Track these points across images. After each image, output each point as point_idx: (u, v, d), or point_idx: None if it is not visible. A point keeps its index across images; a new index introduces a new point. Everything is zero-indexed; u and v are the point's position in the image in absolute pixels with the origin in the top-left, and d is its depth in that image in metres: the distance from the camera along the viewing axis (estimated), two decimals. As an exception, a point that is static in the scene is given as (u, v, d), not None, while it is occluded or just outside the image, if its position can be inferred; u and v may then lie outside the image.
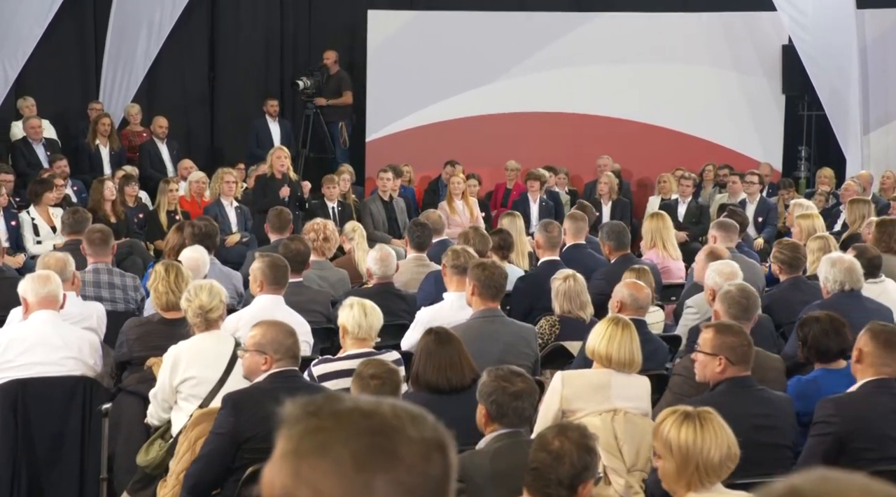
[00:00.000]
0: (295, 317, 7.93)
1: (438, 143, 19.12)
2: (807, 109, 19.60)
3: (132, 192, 14.73)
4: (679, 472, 4.59)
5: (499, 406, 5.33)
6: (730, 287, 7.24)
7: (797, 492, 1.62)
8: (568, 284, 8.26)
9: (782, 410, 6.02)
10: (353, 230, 11.41)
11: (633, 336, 6.62)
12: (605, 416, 6.55)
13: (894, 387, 6.01)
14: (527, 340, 7.68)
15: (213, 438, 5.87)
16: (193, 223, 9.88)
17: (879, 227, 10.80)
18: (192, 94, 19.80)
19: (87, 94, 18.46)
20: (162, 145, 17.70)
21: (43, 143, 16.38)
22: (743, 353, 6.00)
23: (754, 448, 5.78)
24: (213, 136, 19.93)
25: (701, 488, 4.66)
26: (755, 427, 5.84)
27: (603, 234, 10.61)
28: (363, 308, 7.10)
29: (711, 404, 5.86)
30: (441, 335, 6.44)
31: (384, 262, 9.15)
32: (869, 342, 6.11)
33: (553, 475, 4.45)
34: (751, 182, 16.08)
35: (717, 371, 6.06)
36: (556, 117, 19.70)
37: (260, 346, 6.01)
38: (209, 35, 19.84)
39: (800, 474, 1.68)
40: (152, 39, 18.60)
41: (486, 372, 5.50)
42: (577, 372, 6.86)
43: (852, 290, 8.46)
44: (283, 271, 8.01)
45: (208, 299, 6.86)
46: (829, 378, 6.71)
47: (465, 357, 6.38)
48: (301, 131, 18.92)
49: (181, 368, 6.67)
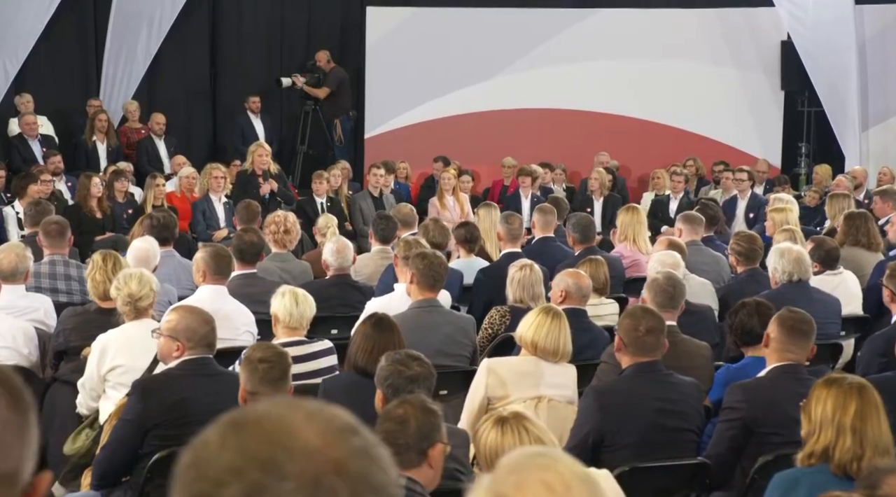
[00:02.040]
0: (239, 307, 7.99)
1: (437, 139, 19.13)
2: (807, 106, 19.55)
3: (122, 188, 14.77)
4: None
5: (395, 390, 5.33)
6: (656, 275, 7.29)
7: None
8: (523, 273, 8.27)
9: (688, 395, 6.06)
10: (326, 225, 11.46)
11: (562, 326, 6.66)
12: (528, 404, 6.60)
13: (801, 372, 6.04)
14: (465, 331, 7.70)
15: (120, 425, 5.89)
16: (151, 215, 9.95)
17: (847, 221, 10.79)
18: (193, 90, 19.84)
19: (87, 90, 18.49)
20: (159, 142, 17.77)
21: (39, 139, 16.49)
22: (637, 338, 6.02)
23: (658, 432, 5.87)
24: (216, 133, 19.98)
25: None
26: (659, 411, 5.94)
27: (569, 226, 10.64)
28: (295, 297, 7.14)
29: (616, 388, 5.96)
30: (382, 321, 6.47)
31: (340, 254, 9.19)
32: (776, 328, 6.16)
33: (402, 440, 4.47)
34: (740, 178, 16.04)
35: (616, 354, 6.12)
36: (554, 114, 19.71)
37: (173, 333, 6.03)
38: (210, 31, 19.88)
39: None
40: (153, 35, 18.62)
41: (384, 357, 5.52)
42: (503, 359, 6.92)
43: (800, 280, 8.49)
44: (226, 261, 8.04)
45: (138, 288, 6.91)
46: (758, 365, 6.69)
47: (402, 345, 6.35)
48: (299, 128, 19.01)
49: (109, 357, 6.71)
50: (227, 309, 7.83)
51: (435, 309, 7.69)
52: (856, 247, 10.50)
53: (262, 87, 19.29)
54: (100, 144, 17.16)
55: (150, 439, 5.83)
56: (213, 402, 5.67)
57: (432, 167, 18.19)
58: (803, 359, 6.13)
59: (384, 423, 4.60)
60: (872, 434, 4.79)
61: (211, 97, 20.02)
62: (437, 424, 4.60)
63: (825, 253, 9.34)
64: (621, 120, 19.70)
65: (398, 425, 4.54)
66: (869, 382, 5.02)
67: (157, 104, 18.78)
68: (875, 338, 7.66)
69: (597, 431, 5.87)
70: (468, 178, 16.92)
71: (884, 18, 18.87)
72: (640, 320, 6.05)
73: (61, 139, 17.43)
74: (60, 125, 17.81)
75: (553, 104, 19.73)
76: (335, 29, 20.38)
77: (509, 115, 19.69)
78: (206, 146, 19.69)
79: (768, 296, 8.46)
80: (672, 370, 6.72)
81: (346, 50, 20.14)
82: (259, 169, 14.63)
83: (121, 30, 18.48)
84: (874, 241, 10.57)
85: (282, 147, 19.51)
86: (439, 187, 16.17)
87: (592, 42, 19.63)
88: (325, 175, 15.67)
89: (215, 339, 6.16)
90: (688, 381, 6.17)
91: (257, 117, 18.73)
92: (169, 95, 19.40)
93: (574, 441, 5.94)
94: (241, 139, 18.11)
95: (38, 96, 17.45)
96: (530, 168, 16.93)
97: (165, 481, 5.60)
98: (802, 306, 8.25)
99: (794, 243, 9.62)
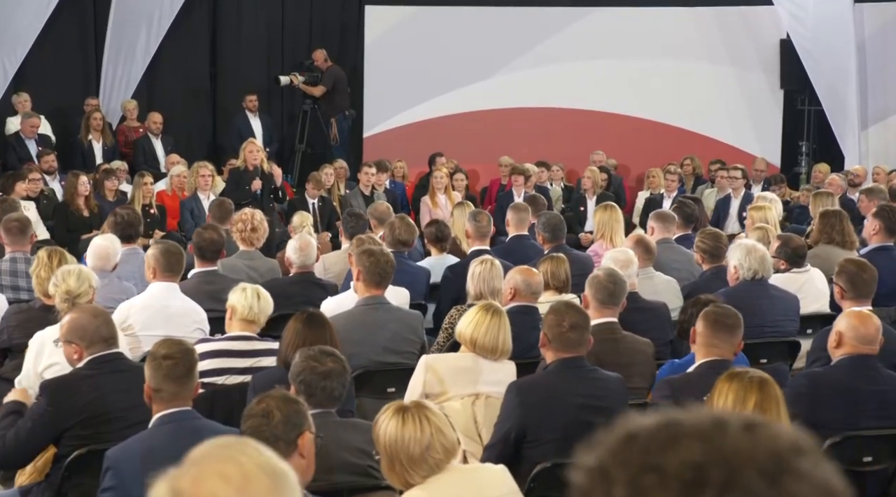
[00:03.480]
0: (190, 305, 7.97)
1: (435, 138, 19.12)
2: (807, 104, 19.47)
3: (112, 187, 14.81)
4: (388, 466, 4.61)
5: (307, 386, 5.29)
6: (598, 272, 7.25)
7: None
8: (483, 268, 8.22)
9: (612, 391, 6.04)
10: (301, 224, 11.46)
11: (502, 323, 6.64)
12: (465, 401, 6.60)
13: (727, 367, 6.00)
14: (412, 327, 7.68)
15: (31, 419, 5.84)
16: (116, 212, 9.89)
17: (823, 219, 10.72)
18: (192, 89, 19.85)
19: (86, 89, 18.52)
20: (156, 141, 17.81)
21: (35, 138, 16.55)
22: (560, 334, 5.99)
23: (582, 427, 5.81)
24: (215, 132, 20.00)
25: (419, 481, 4.65)
26: (582, 407, 5.91)
27: (539, 225, 10.57)
28: (256, 292, 7.12)
29: (538, 384, 5.94)
30: (313, 317, 6.44)
31: (303, 252, 9.16)
32: (701, 323, 6.17)
33: (268, 433, 4.43)
34: (734, 176, 15.97)
35: (541, 349, 6.12)
36: (553, 113, 19.71)
37: (67, 336, 5.97)
38: (210, 30, 19.90)
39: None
40: (152, 34, 18.65)
41: (298, 353, 5.50)
42: (441, 355, 6.92)
43: (762, 278, 8.45)
44: (177, 258, 7.99)
45: (76, 284, 6.91)
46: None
47: (334, 342, 6.33)
48: (297, 127, 19.03)
49: (45, 354, 6.66)
50: (175, 306, 7.82)
51: (382, 306, 7.65)
52: (830, 245, 10.43)
53: (261, 86, 19.32)
54: (95, 143, 17.23)
55: (66, 440, 5.80)
56: (126, 398, 5.66)
57: (428, 166, 18.19)
58: (730, 354, 6.12)
59: (248, 420, 4.52)
60: None
61: (211, 96, 20.03)
62: (303, 413, 4.56)
63: (791, 251, 9.28)
64: (620, 119, 19.67)
65: (263, 419, 4.47)
66: (771, 376, 5.00)
67: (157, 103, 18.82)
68: (824, 332, 7.61)
69: (518, 427, 5.85)
70: (462, 176, 16.91)
71: (883, 17, 18.78)
72: (563, 316, 6.02)
73: (60, 138, 17.51)
74: (59, 124, 17.85)
75: (552, 103, 19.73)
76: (334, 28, 20.39)
77: (508, 114, 19.68)
78: (205, 145, 19.71)
79: (727, 293, 8.45)
80: (613, 367, 6.72)
81: (345, 49, 20.15)
82: (251, 165, 14.60)
83: (120, 29, 18.48)
84: (849, 239, 10.49)
85: (281, 146, 19.56)
86: (431, 186, 16.16)
87: (591, 41, 19.62)
88: (319, 179, 15.67)
89: (111, 332, 6.04)
90: (613, 376, 6.13)
91: (255, 116, 18.74)
92: (168, 94, 19.43)
93: (496, 437, 5.93)
94: (239, 138, 18.08)
95: (38, 95, 17.52)
96: (523, 167, 16.91)
97: (84, 480, 5.61)
98: (761, 303, 8.35)
99: (764, 242, 9.61)
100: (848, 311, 6.61)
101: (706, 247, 9.39)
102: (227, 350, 7.00)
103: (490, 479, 4.79)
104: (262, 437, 4.36)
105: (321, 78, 19.04)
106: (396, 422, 4.66)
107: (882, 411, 6.25)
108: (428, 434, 4.62)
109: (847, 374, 6.27)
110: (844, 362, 6.30)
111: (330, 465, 5.25)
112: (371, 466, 5.30)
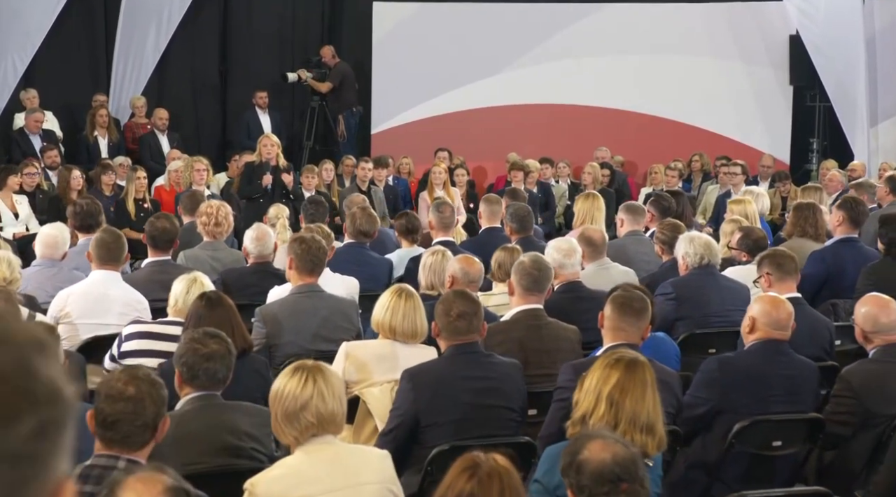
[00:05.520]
0: (130, 293, 7.97)
1: (443, 135, 19.07)
2: (818, 100, 19.34)
3: (109, 181, 14.87)
4: (272, 417, 4.66)
5: (189, 368, 5.28)
6: (523, 258, 7.21)
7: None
8: (434, 258, 8.25)
9: (507, 375, 6.06)
10: (276, 215, 11.43)
11: (416, 306, 6.66)
12: (384, 387, 6.60)
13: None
14: (346, 315, 7.65)
15: None
16: (76, 202, 9.96)
17: (796, 212, 10.69)
18: (202, 85, 19.95)
19: (96, 86, 18.64)
20: (162, 137, 17.90)
21: (40, 133, 16.67)
22: (448, 322, 6.04)
23: (476, 410, 5.87)
24: (225, 128, 20.07)
25: (290, 441, 4.70)
26: (476, 390, 5.93)
27: (507, 216, 10.58)
28: (190, 284, 7.14)
29: (429, 369, 5.97)
30: (213, 299, 6.41)
31: (260, 242, 9.16)
32: (608, 307, 6.15)
33: (139, 421, 4.42)
34: (733, 172, 15.85)
35: (436, 338, 6.18)
36: (560, 109, 19.67)
37: None
38: (220, 26, 19.98)
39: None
40: (162, 31, 18.76)
41: (183, 335, 5.51)
42: (361, 342, 6.91)
43: (709, 263, 8.42)
44: (108, 248, 7.89)
45: (8, 272, 6.96)
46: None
47: (237, 324, 6.32)
48: (305, 124, 19.09)
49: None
50: (115, 294, 7.85)
51: (315, 294, 7.64)
52: (803, 237, 10.40)
53: (272, 83, 19.36)
54: (101, 139, 17.33)
55: None
56: None
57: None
58: (636, 338, 6.09)
59: (115, 404, 4.44)
60: (631, 408, 4.76)
61: (221, 93, 20.12)
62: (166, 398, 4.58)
63: (752, 242, 9.26)
64: (628, 115, 19.61)
65: (135, 406, 4.42)
66: (648, 360, 5.00)
67: (167, 100, 18.94)
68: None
69: (412, 412, 5.86)
70: (463, 171, 16.92)
71: (893, 12, 18.58)
72: (451, 305, 6.06)
73: (68, 134, 17.63)
74: (69, 121, 17.99)
75: (559, 100, 19.69)
76: (343, 24, 20.42)
77: (515, 111, 19.66)
78: (215, 142, 19.80)
79: (676, 282, 8.45)
80: (536, 353, 6.72)
81: (353, 45, 20.17)
82: (265, 160, 14.56)
83: (130, 26, 18.59)
84: (821, 231, 10.45)
85: (290, 142, 19.60)
86: (429, 181, 16.15)
87: (599, 37, 19.57)
88: (315, 170, 15.73)
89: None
90: (507, 361, 6.16)
91: (265, 113, 18.82)
92: (178, 91, 19.56)
93: (391, 424, 5.95)
94: (247, 134, 18.20)
95: (48, 92, 17.67)
96: (522, 162, 16.89)
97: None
98: (710, 293, 8.34)
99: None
100: (761, 296, 6.60)
101: (665, 238, 9.37)
102: (152, 333, 7.01)
103: (367, 464, 4.76)
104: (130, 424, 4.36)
105: (328, 74, 19.07)
106: (288, 376, 4.75)
107: (792, 396, 6.25)
108: (308, 394, 4.67)
109: (758, 359, 6.28)
110: (755, 347, 6.32)
111: (212, 447, 5.25)
112: (255, 449, 5.30)
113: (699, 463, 6.27)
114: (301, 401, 4.66)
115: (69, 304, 7.71)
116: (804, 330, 7.45)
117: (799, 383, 6.27)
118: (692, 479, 6.23)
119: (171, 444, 5.15)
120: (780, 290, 7.55)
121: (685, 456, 6.33)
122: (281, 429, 4.72)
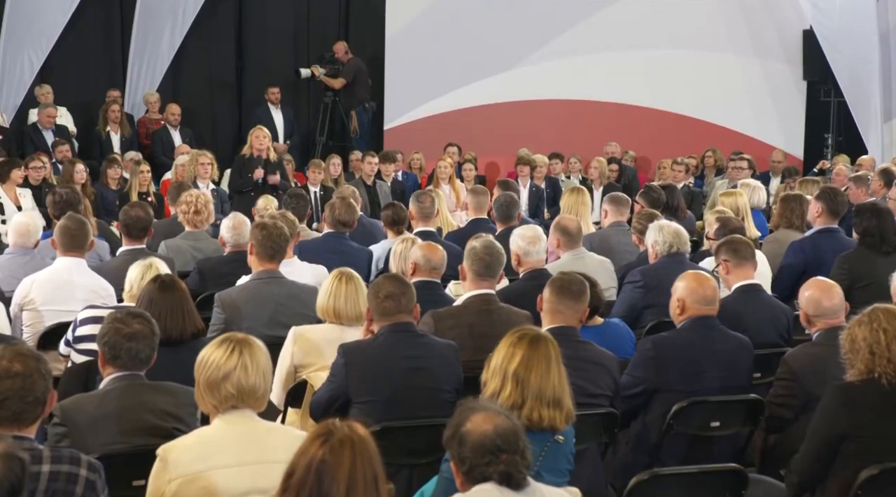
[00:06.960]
0: (95, 280, 8.00)
1: (456, 131, 19.06)
2: (832, 96, 19.22)
3: (115, 175, 14.97)
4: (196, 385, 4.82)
5: (111, 348, 5.28)
6: (475, 243, 7.22)
7: None
8: (404, 246, 8.31)
9: (439, 356, 6.08)
10: (265, 207, 11.46)
11: (358, 288, 6.75)
12: (332, 371, 6.62)
13: (571, 334, 6.02)
14: (303, 301, 7.63)
15: None
16: (56, 190, 10.00)
17: (783, 203, 10.69)
18: (217, 82, 19.97)
19: (111, 82, 18.67)
20: (175, 132, 17.97)
21: (52, 129, 16.79)
22: (378, 304, 6.11)
23: (407, 390, 5.93)
24: (241, 124, 20.09)
25: (210, 410, 4.80)
26: (408, 370, 5.97)
27: (494, 207, 10.65)
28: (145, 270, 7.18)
29: (363, 347, 6.03)
30: (164, 282, 6.41)
31: (237, 230, 9.14)
32: (547, 290, 6.18)
33: (30, 397, 4.42)
34: (740, 166, 15.80)
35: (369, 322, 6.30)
36: (573, 104, 19.63)
37: None
38: (236, 23, 20.01)
39: None
40: (177, 28, 18.82)
41: (107, 315, 5.53)
42: (309, 327, 6.93)
43: (678, 251, 8.43)
44: (69, 236, 7.91)
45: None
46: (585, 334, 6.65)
47: (189, 309, 6.32)
48: (318, 119, 19.15)
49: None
50: (80, 281, 7.88)
51: (274, 280, 7.69)
52: (790, 229, 10.39)
53: (287, 79, 19.41)
54: (114, 134, 17.43)
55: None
56: None
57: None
58: (574, 321, 6.12)
59: (3, 381, 4.38)
60: (536, 384, 4.79)
61: (236, 89, 20.13)
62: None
63: (729, 232, 9.20)
64: (641, 111, 19.56)
65: (24, 381, 4.37)
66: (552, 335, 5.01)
67: (182, 96, 19.02)
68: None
69: (343, 388, 5.91)
70: (471, 166, 16.94)
71: (908, 7, 18.50)
72: (379, 288, 6.13)
73: (83, 130, 17.75)
74: (84, 117, 18.10)
75: (573, 95, 19.65)
76: (356, 20, 20.43)
77: (528, 107, 19.64)
78: (230, 138, 19.82)
79: (644, 270, 8.45)
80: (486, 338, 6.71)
81: (367, 41, 20.17)
82: (256, 152, 14.57)
83: (146, 22, 18.64)
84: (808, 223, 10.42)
85: (304, 138, 19.67)
86: (435, 175, 16.18)
87: (612, 32, 19.50)
88: (321, 165, 15.77)
89: None
90: (443, 342, 6.17)
91: (277, 109, 18.87)
92: (193, 87, 19.61)
93: (323, 397, 6.00)
94: (259, 130, 18.23)
95: (64, 88, 17.78)
96: (529, 157, 16.90)
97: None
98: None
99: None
100: (684, 275, 6.63)
101: (641, 227, 9.35)
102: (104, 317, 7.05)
103: (282, 443, 4.69)
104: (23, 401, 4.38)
105: (342, 70, 19.10)
106: (215, 345, 4.85)
107: (726, 371, 6.35)
108: (231, 365, 4.76)
109: (691, 336, 6.38)
110: (687, 324, 6.43)
111: (132, 427, 5.25)
112: (177, 429, 5.29)
113: (641, 444, 6.31)
114: (224, 371, 4.74)
115: (33, 290, 7.77)
116: (764, 317, 7.49)
117: (732, 358, 6.39)
118: (635, 461, 6.24)
119: (89, 424, 5.19)
120: (739, 276, 7.58)
121: (627, 438, 6.35)
122: (202, 397, 4.82)
